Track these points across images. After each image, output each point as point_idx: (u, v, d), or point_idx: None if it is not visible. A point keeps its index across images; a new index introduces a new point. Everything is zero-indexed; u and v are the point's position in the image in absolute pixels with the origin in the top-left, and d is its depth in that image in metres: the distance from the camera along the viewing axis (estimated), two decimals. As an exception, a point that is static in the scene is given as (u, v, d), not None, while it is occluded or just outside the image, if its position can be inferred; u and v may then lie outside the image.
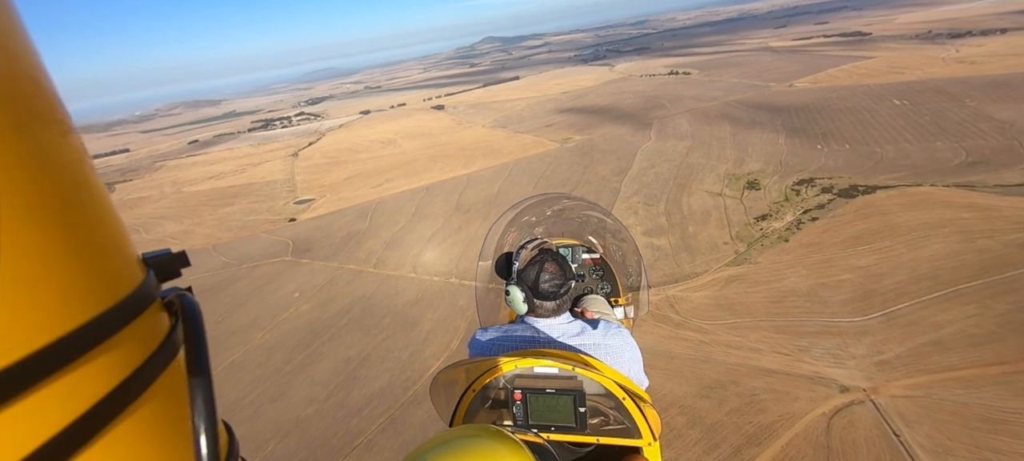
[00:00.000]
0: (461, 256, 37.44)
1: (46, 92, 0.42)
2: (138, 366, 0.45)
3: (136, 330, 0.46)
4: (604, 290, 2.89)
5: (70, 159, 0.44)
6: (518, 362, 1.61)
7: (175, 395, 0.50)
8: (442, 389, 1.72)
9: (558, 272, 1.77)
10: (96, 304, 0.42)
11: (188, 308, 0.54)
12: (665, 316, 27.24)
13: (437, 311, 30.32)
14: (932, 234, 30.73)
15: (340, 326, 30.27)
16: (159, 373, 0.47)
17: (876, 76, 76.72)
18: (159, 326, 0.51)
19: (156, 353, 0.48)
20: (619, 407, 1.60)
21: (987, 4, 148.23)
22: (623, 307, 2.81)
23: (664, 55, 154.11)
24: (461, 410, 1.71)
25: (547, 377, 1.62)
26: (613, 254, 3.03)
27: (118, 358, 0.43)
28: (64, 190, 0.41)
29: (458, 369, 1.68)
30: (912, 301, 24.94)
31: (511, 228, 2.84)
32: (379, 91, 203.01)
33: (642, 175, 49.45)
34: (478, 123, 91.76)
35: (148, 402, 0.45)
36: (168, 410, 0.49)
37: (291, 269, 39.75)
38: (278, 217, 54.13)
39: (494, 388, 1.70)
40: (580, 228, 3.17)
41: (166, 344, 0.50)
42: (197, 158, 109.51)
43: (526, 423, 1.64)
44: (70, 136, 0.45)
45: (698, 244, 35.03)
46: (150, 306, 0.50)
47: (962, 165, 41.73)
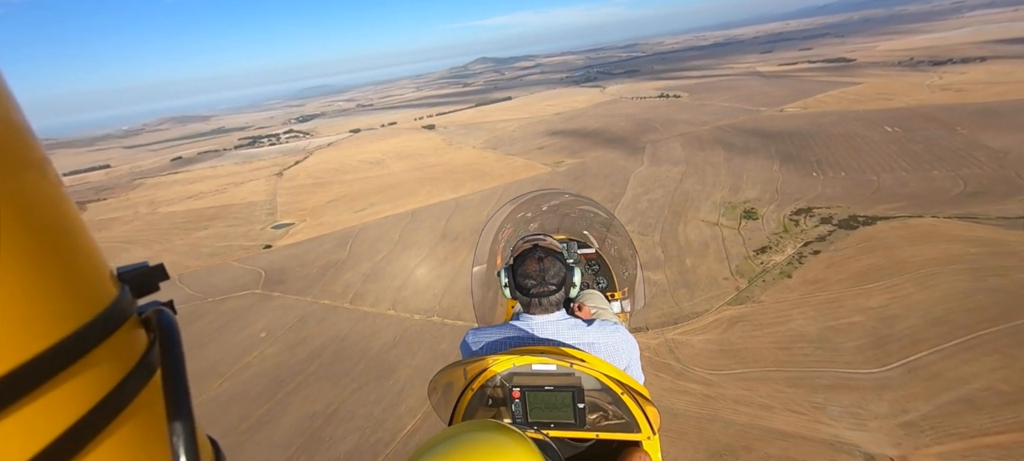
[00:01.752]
0: (445, 290, 34.92)
1: (22, 133, 0.41)
2: (114, 385, 0.43)
3: (111, 348, 0.45)
4: (600, 285, 2.88)
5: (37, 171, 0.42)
6: (516, 360, 1.61)
7: (154, 414, 0.48)
8: (441, 389, 1.68)
9: (556, 268, 1.76)
10: (67, 323, 0.40)
11: (165, 324, 0.52)
12: (665, 364, 24.93)
13: (416, 356, 27.61)
14: (941, 271, 29.15)
15: (308, 373, 27.34)
16: (137, 392, 0.46)
17: (865, 102, 77.18)
18: (136, 343, 0.50)
19: (133, 371, 0.46)
20: (617, 402, 1.61)
21: (964, 33, 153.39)
22: (620, 301, 2.81)
23: (654, 78, 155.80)
24: (460, 409, 1.71)
25: (545, 374, 1.62)
26: (608, 248, 3.02)
27: (93, 378, 0.42)
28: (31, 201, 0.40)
29: (456, 369, 1.64)
30: (931, 349, 23.01)
31: (506, 224, 2.94)
32: (371, 109, 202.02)
33: (636, 202, 47.80)
34: (469, 144, 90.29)
35: (126, 423, 0.44)
36: (148, 429, 0.47)
37: (261, 304, 36.73)
38: (253, 243, 51.15)
39: (492, 386, 1.70)
40: (575, 223, 3.19)
41: (143, 362, 0.48)
42: (178, 176, 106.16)
43: (525, 421, 1.64)
44: (35, 149, 0.43)
45: (697, 279, 33.05)
46: (125, 323, 0.48)
47: (962, 195, 40.76)
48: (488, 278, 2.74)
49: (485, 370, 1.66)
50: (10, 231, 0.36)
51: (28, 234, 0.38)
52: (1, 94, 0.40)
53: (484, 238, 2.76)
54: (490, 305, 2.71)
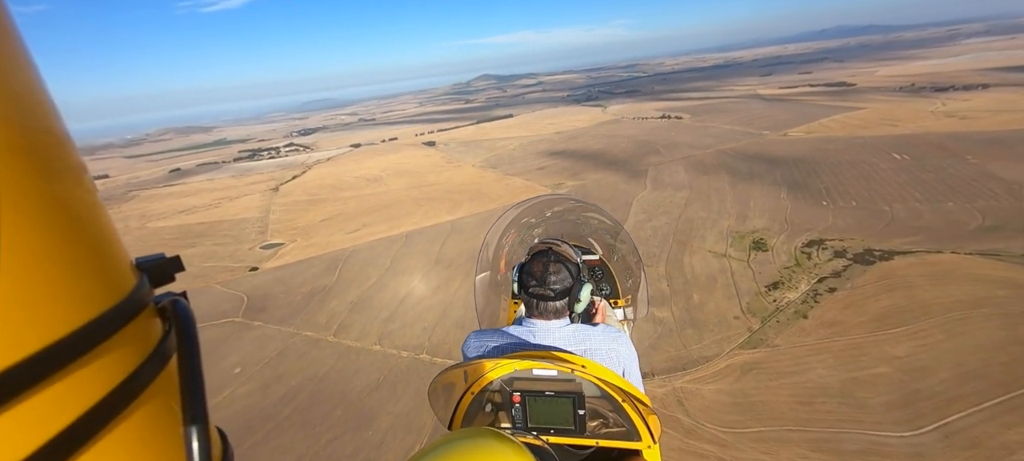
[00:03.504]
0: (436, 323, 32.72)
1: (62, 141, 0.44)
2: (131, 371, 0.45)
3: (129, 335, 0.46)
4: (604, 292, 2.90)
5: (69, 162, 0.45)
6: (517, 364, 1.59)
7: (168, 401, 0.50)
8: (441, 392, 1.67)
9: (561, 275, 1.75)
10: (89, 309, 0.42)
11: (181, 314, 0.54)
12: (673, 418, 22.61)
13: (399, 402, 25.27)
14: (969, 316, 27.04)
15: (281, 419, 24.94)
16: (152, 378, 0.48)
17: (870, 128, 76.06)
18: (152, 331, 0.51)
19: (149, 358, 0.48)
20: (618, 410, 1.59)
21: (964, 60, 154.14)
22: (623, 309, 2.83)
23: (655, 98, 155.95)
24: (459, 412, 1.69)
25: (546, 380, 1.60)
26: (612, 256, 3.04)
27: (111, 363, 0.43)
28: (63, 189, 0.43)
29: (456, 371, 1.63)
30: (968, 410, 20.77)
31: (511, 229, 2.93)
32: (373, 124, 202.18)
33: (639, 229, 45.88)
34: (468, 162, 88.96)
35: (141, 407, 0.46)
36: (161, 416, 0.49)
37: (239, 334, 34.45)
38: (239, 264, 49.04)
39: (492, 390, 1.68)
40: (579, 229, 3.19)
41: (159, 350, 0.50)
42: (173, 188, 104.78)
43: (525, 426, 1.63)
44: (66, 143, 0.46)
45: (705, 318, 30.90)
46: (143, 311, 0.50)
47: (980, 230, 38.89)
48: (491, 285, 2.72)
49: (486, 373, 1.63)
50: (49, 225, 0.39)
51: (64, 228, 0.41)
52: (45, 105, 0.43)
53: (488, 243, 2.74)
54: (492, 312, 2.69)
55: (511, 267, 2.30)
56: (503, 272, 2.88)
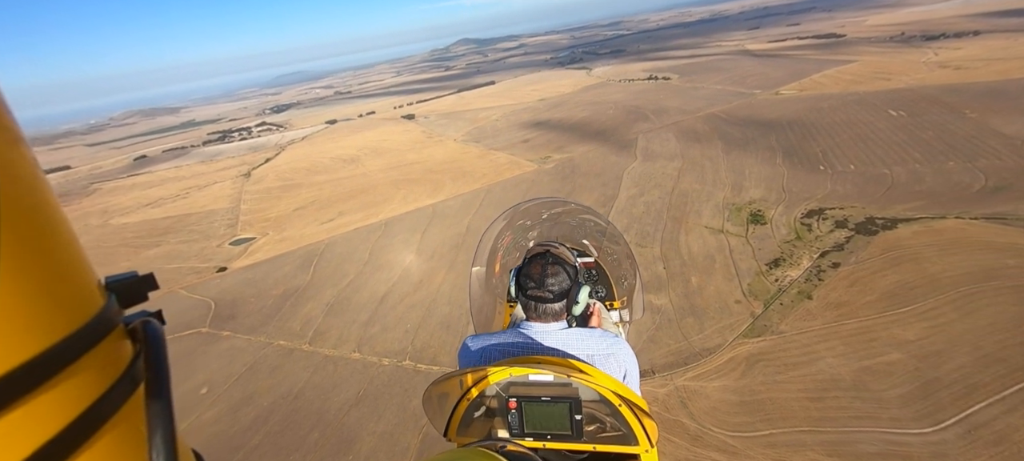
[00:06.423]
0: (420, 324, 30.42)
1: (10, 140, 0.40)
2: (97, 397, 0.42)
3: (95, 359, 0.44)
4: (599, 294, 2.86)
5: (21, 172, 0.41)
6: (512, 370, 1.57)
7: (137, 427, 0.47)
8: (435, 400, 1.63)
9: (560, 278, 1.73)
10: (51, 333, 0.39)
11: (151, 335, 0.51)
12: (677, 423, 21.04)
13: (382, 418, 23.22)
14: (981, 291, 25.68)
15: (251, 447, 22.76)
16: (121, 404, 0.45)
17: (863, 83, 73.58)
18: (121, 354, 0.48)
19: (117, 383, 0.45)
20: (615, 414, 1.58)
21: (953, 6, 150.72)
22: (618, 311, 2.81)
23: (641, 58, 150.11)
24: (455, 420, 1.66)
25: (542, 385, 1.58)
26: (607, 258, 3.02)
27: (76, 389, 0.41)
28: (14, 205, 0.39)
29: (451, 380, 1.61)
30: (989, 399, 19.53)
31: (506, 231, 2.92)
32: (349, 97, 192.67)
33: (631, 205, 43.54)
34: (449, 136, 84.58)
35: (107, 435, 0.43)
36: (129, 444, 0.46)
37: (206, 347, 31.73)
38: (207, 264, 45.64)
39: (488, 397, 1.67)
40: (574, 232, 3.17)
41: (127, 373, 0.47)
42: (138, 178, 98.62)
43: (522, 432, 1.61)
44: (20, 145, 0.42)
45: (705, 303, 29.16)
46: (111, 333, 0.47)
47: (984, 191, 37.46)
48: (486, 283, 2.74)
49: (481, 380, 1.61)
50: None
51: (14, 242, 0.38)
52: None
53: (485, 241, 2.76)
54: (488, 309, 2.71)
55: (507, 270, 2.33)
56: (498, 274, 2.85)
